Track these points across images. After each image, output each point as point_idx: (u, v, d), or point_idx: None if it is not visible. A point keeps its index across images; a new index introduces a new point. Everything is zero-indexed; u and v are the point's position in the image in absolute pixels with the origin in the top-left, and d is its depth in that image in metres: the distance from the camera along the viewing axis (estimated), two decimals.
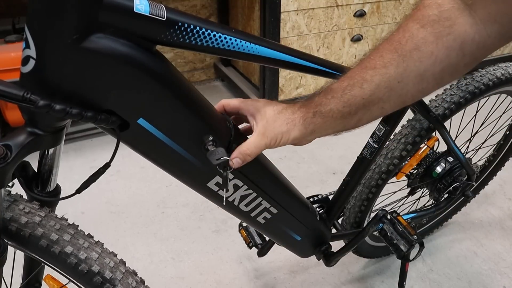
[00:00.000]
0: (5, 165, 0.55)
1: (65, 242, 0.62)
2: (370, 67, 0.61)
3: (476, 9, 0.56)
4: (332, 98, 0.63)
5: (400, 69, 0.60)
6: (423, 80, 0.60)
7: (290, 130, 0.65)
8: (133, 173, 1.85)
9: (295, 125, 0.65)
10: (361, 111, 0.63)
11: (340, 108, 0.63)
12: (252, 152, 0.65)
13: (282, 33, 2.02)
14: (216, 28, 0.61)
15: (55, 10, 0.49)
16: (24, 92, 0.51)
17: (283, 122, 0.65)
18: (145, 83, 0.57)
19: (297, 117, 0.65)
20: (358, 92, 0.62)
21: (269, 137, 0.65)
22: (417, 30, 0.58)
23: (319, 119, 0.64)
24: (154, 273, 1.41)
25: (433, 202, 1.29)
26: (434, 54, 0.58)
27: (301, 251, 1.06)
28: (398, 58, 0.59)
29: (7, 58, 1.72)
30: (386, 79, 0.60)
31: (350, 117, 0.64)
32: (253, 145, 0.65)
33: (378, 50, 0.61)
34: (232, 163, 0.65)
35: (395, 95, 0.62)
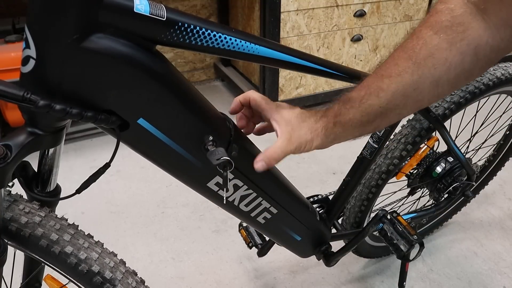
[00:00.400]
0: (5, 165, 0.55)
1: (65, 242, 0.62)
2: (386, 75, 0.62)
3: (489, 14, 0.56)
4: (351, 108, 0.65)
5: (415, 77, 0.60)
6: (438, 86, 0.61)
7: (313, 139, 0.67)
8: (133, 173, 1.85)
9: (318, 134, 0.67)
10: (379, 118, 0.65)
11: (359, 117, 0.65)
12: (278, 156, 0.66)
13: (282, 33, 2.02)
14: (216, 28, 0.61)
15: (55, 10, 0.49)
16: (24, 92, 0.51)
17: (307, 130, 0.67)
18: (145, 83, 0.57)
19: (319, 127, 0.67)
20: (375, 101, 0.63)
21: (294, 144, 0.66)
22: (431, 37, 0.59)
23: (340, 128, 0.66)
24: (154, 273, 1.41)
25: (433, 202, 1.29)
26: (448, 60, 0.59)
27: (301, 251, 1.06)
28: (413, 66, 0.60)
29: (7, 58, 1.72)
30: (401, 87, 0.61)
31: (368, 125, 0.66)
32: (279, 150, 0.66)
33: (393, 57, 0.62)
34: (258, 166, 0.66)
35: (412, 101, 0.63)
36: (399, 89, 0.62)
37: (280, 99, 2.18)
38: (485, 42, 0.57)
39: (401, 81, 0.61)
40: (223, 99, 2.51)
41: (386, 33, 2.29)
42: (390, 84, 0.62)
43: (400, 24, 2.30)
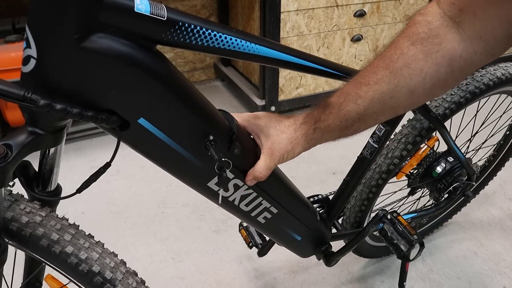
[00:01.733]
0: (6, 164, 0.55)
1: (65, 242, 0.62)
2: (364, 83, 0.65)
3: (464, 27, 0.58)
4: (330, 114, 0.67)
5: (392, 86, 0.63)
6: (414, 95, 0.64)
7: (294, 147, 0.70)
8: (133, 173, 1.85)
9: (298, 142, 0.70)
10: (356, 123, 0.67)
11: (338, 122, 0.67)
12: (264, 173, 0.71)
13: (282, 33, 2.02)
14: (217, 28, 0.61)
15: (56, 9, 0.49)
16: (25, 92, 0.51)
17: (287, 142, 0.70)
18: (145, 83, 0.57)
19: (299, 135, 0.70)
20: (353, 107, 0.66)
21: (277, 157, 0.70)
22: (407, 47, 0.61)
23: (319, 134, 0.69)
24: (154, 273, 1.41)
25: (433, 202, 1.29)
26: (423, 71, 0.61)
27: (301, 251, 1.06)
28: (390, 75, 0.63)
29: (7, 58, 1.72)
30: (379, 95, 0.64)
31: (347, 129, 0.68)
32: (263, 167, 0.71)
33: (372, 66, 0.65)
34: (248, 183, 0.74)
35: (388, 108, 0.66)
36: (376, 97, 0.64)
37: (280, 99, 2.18)
38: (459, 55, 0.59)
39: (378, 89, 0.64)
40: (223, 99, 2.51)
41: (386, 33, 2.29)
42: (368, 91, 0.64)
43: (400, 24, 2.30)
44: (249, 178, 0.73)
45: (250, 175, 0.72)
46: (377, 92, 0.64)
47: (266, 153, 0.70)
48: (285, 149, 0.70)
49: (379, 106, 0.65)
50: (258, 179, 0.72)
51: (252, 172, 0.72)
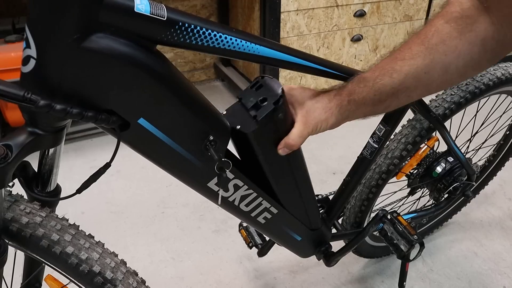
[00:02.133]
0: (6, 165, 0.55)
1: (66, 243, 0.62)
2: (399, 58, 0.66)
3: (492, 11, 0.60)
4: (364, 87, 0.68)
5: (427, 61, 0.64)
6: (447, 72, 0.65)
7: (328, 118, 0.70)
8: (133, 173, 1.85)
9: (332, 112, 0.70)
10: (390, 98, 0.68)
11: (372, 95, 0.68)
12: (297, 142, 0.70)
13: (282, 33, 2.02)
14: (217, 28, 0.61)
15: (55, 10, 0.49)
16: (25, 92, 0.51)
17: (321, 111, 0.70)
18: (145, 83, 0.57)
19: (333, 105, 0.70)
20: (388, 81, 0.66)
21: (310, 126, 0.70)
22: (442, 25, 0.63)
23: (353, 106, 0.69)
24: (154, 273, 1.41)
25: (433, 202, 1.29)
26: (458, 48, 0.63)
27: (301, 251, 1.06)
28: (425, 50, 0.64)
29: (7, 58, 1.72)
30: (414, 70, 0.65)
31: (380, 104, 0.69)
32: (297, 135, 0.70)
33: (407, 43, 0.67)
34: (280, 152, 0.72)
35: (422, 85, 0.67)
36: (411, 71, 0.65)
37: None
38: (491, 36, 0.61)
39: (414, 64, 0.65)
40: (223, 99, 2.51)
41: (386, 33, 2.29)
42: (403, 66, 0.65)
43: (400, 24, 2.30)
44: (281, 146, 0.71)
45: (282, 143, 0.71)
46: (412, 66, 0.65)
47: (300, 121, 0.70)
48: (319, 117, 0.69)
49: (413, 82, 0.66)
50: (290, 147, 0.71)
51: (285, 140, 0.71)
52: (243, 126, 0.70)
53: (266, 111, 0.69)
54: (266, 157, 0.75)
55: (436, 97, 1.12)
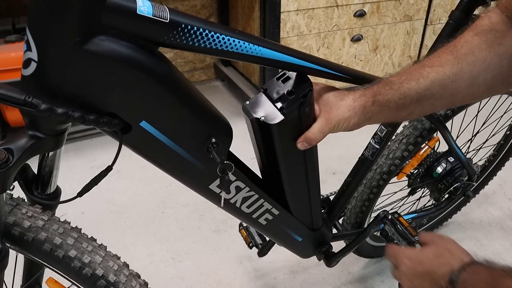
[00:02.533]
0: (7, 169, 0.55)
1: (68, 246, 0.62)
2: (427, 65, 0.66)
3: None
4: (390, 89, 0.67)
5: (455, 70, 0.64)
6: (475, 84, 0.65)
7: (351, 117, 0.69)
8: (133, 173, 1.85)
9: (356, 112, 0.69)
10: (414, 104, 0.67)
11: (396, 99, 0.67)
12: (317, 137, 0.70)
13: (282, 33, 2.01)
14: (219, 30, 0.61)
15: (57, 12, 0.49)
16: (26, 96, 0.50)
17: (345, 109, 0.69)
18: (147, 85, 0.57)
19: (357, 105, 0.69)
20: (414, 85, 0.66)
21: (332, 123, 0.69)
22: (472, 37, 0.64)
23: (377, 108, 0.68)
24: (154, 273, 1.40)
25: (433, 202, 1.29)
26: (487, 60, 0.63)
27: (302, 252, 1.06)
28: (453, 59, 0.64)
29: (7, 58, 1.71)
30: (441, 77, 0.65)
31: (403, 109, 0.68)
32: (317, 131, 0.69)
33: (436, 52, 0.67)
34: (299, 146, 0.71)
35: (447, 94, 0.66)
36: (438, 78, 0.65)
37: None
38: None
39: (441, 71, 0.65)
40: (223, 99, 2.50)
41: (386, 33, 2.29)
42: (431, 72, 0.65)
43: (400, 24, 2.30)
44: (301, 140, 0.71)
45: (302, 137, 0.71)
46: (439, 73, 0.65)
47: (323, 117, 0.69)
48: (342, 115, 0.68)
49: (439, 89, 0.66)
50: (310, 141, 0.70)
51: (305, 134, 0.70)
52: (267, 117, 0.68)
53: (294, 104, 0.67)
54: (284, 150, 0.74)
55: None
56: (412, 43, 2.39)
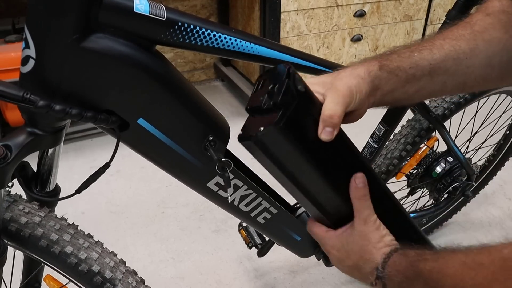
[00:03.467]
0: (5, 165, 0.55)
1: (65, 242, 0.62)
2: (440, 37, 0.61)
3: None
4: (398, 57, 0.60)
5: (471, 45, 0.59)
6: (490, 64, 0.60)
7: (360, 83, 0.57)
8: (133, 173, 1.85)
9: (363, 78, 0.57)
10: (425, 78, 0.60)
11: (407, 68, 0.59)
12: (335, 110, 0.55)
13: (282, 33, 2.02)
14: (216, 28, 0.61)
15: (55, 10, 0.49)
16: (24, 93, 0.51)
17: (350, 77, 0.57)
18: (144, 83, 0.57)
19: (362, 71, 0.58)
20: (428, 55, 0.59)
21: (344, 91, 0.56)
22: (483, 17, 0.60)
23: (385, 73, 0.59)
24: (154, 273, 1.41)
25: (433, 202, 1.29)
26: (502, 41, 0.59)
27: (301, 251, 1.06)
28: (468, 35, 0.60)
29: (7, 58, 1.72)
30: (455, 50, 0.59)
31: (413, 82, 0.60)
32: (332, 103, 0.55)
33: (449, 28, 0.61)
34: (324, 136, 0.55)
35: (461, 72, 0.60)
36: (452, 51, 0.59)
37: None
38: None
39: (456, 45, 0.59)
40: (223, 99, 2.51)
41: (386, 33, 2.29)
42: (445, 44, 0.60)
43: (400, 24, 2.30)
44: (321, 128, 0.54)
45: (321, 124, 0.55)
46: (455, 47, 0.59)
47: (330, 90, 0.56)
48: (350, 83, 0.56)
49: (454, 64, 0.59)
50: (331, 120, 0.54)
51: (321, 117, 0.55)
52: (267, 125, 0.53)
53: (282, 88, 0.53)
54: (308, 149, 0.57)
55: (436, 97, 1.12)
56: None
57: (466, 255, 0.49)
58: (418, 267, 0.53)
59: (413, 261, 0.54)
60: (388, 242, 0.60)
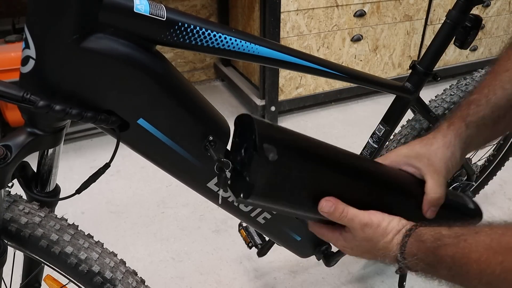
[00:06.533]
0: (5, 165, 0.55)
1: (65, 243, 0.62)
2: (502, 70, 0.61)
3: None
4: (477, 107, 0.62)
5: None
6: None
7: (453, 152, 0.62)
8: (133, 173, 1.85)
9: (454, 145, 0.63)
10: (509, 112, 0.62)
11: (490, 113, 0.62)
12: (439, 193, 0.62)
13: (282, 33, 2.01)
14: (216, 28, 0.61)
15: (55, 10, 0.49)
16: (24, 93, 0.51)
17: (443, 149, 0.62)
18: (145, 83, 0.57)
19: (452, 138, 0.63)
20: (502, 93, 0.61)
21: (443, 170, 0.62)
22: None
23: (473, 129, 0.63)
24: (154, 273, 1.41)
25: None
26: None
27: (301, 251, 1.06)
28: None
29: (7, 58, 1.72)
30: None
31: (500, 121, 0.62)
32: (435, 186, 0.62)
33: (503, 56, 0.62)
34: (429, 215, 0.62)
35: None
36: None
37: (280, 99, 2.18)
38: None
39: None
40: (223, 99, 2.51)
41: (386, 33, 2.29)
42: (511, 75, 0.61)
43: (400, 24, 2.30)
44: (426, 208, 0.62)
45: (426, 204, 0.62)
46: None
47: (428, 171, 0.62)
48: (445, 156, 0.62)
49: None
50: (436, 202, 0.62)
51: (426, 199, 0.62)
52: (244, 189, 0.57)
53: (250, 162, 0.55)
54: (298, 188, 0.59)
55: (436, 97, 1.12)
56: (412, 43, 2.40)
57: (490, 238, 0.47)
58: (439, 254, 0.51)
59: (432, 247, 0.53)
60: (395, 230, 0.58)
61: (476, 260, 0.47)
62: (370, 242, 0.59)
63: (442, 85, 1.36)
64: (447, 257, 0.50)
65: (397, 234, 0.57)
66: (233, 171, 0.62)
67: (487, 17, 2.52)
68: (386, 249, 0.58)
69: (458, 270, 0.49)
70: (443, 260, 0.51)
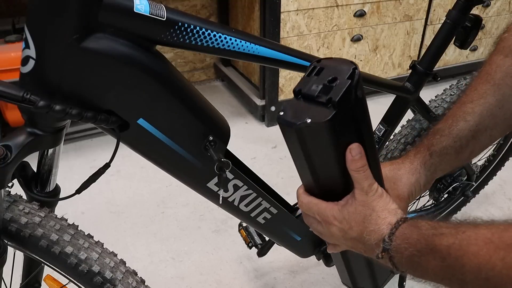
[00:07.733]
0: (5, 165, 0.55)
1: (65, 243, 0.62)
2: (468, 101, 0.64)
3: None
4: (441, 137, 0.65)
5: (498, 96, 0.62)
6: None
7: (418, 179, 0.65)
8: (133, 173, 1.85)
9: (419, 172, 0.65)
10: (471, 142, 0.65)
11: (452, 143, 0.64)
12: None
13: (282, 33, 2.01)
14: (216, 28, 0.61)
15: (55, 10, 0.49)
16: (24, 93, 0.51)
17: (408, 175, 0.65)
18: (144, 83, 0.57)
19: (417, 165, 0.66)
20: (464, 125, 0.64)
21: (405, 195, 0.65)
22: (502, 60, 0.62)
23: (436, 158, 0.65)
24: (154, 273, 1.41)
25: (433, 202, 1.29)
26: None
27: (301, 251, 1.06)
28: (492, 87, 0.62)
29: (7, 58, 1.72)
30: (486, 108, 0.63)
31: (463, 151, 0.65)
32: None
33: (471, 85, 0.65)
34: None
35: (500, 121, 0.64)
36: (484, 110, 0.63)
37: (280, 99, 2.18)
38: None
39: (485, 103, 0.63)
40: (223, 99, 2.51)
41: (386, 33, 2.29)
42: (474, 107, 0.63)
43: (400, 24, 2.30)
44: None
45: None
46: (484, 105, 0.63)
47: (392, 195, 0.62)
48: (409, 182, 0.65)
49: (491, 120, 0.63)
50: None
51: None
52: (315, 118, 0.51)
53: (342, 88, 0.51)
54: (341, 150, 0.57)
55: (436, 97, 1.11)
56: (412, 43, 2.40)
57: (491, 232, 0.46)
58: (433, 242, 0.50)
59: (426, 234, 0.51)
60: (393, 211, 0.57)
61: (474, 254, 0.46)
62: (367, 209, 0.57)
63: (442, 85, 1.36)
64: (442, 246, 0.48)
65: (393, 216, 0.56)
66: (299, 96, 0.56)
67: (487, 17, 2.52)
68: (376, 224, 0.56)
69: (452, 262, 0.47)
70: (437, 249, 0.49)
